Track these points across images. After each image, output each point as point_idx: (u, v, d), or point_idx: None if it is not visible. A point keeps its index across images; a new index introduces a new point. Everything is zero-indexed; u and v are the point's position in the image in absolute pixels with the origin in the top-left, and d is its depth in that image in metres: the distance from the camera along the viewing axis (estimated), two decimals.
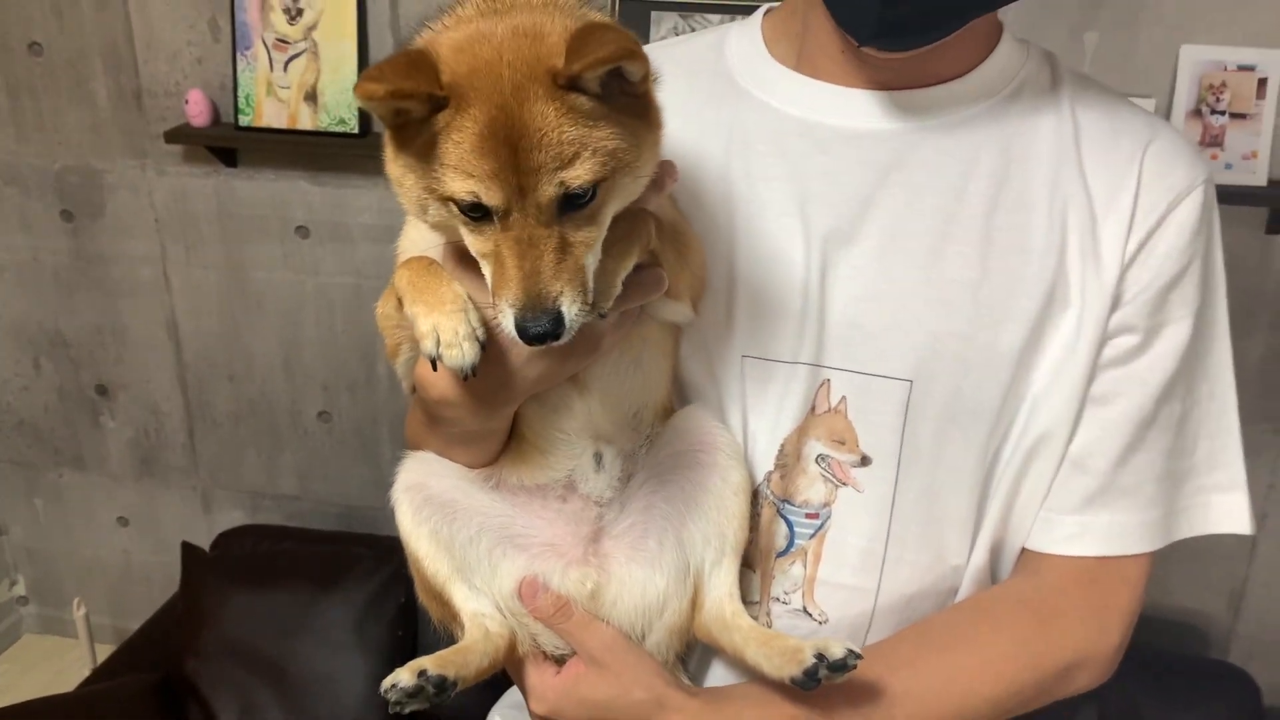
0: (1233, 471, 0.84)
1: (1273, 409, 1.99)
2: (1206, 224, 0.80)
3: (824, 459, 0.82)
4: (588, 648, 0.78)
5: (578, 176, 0.61)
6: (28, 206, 2.37)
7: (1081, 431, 0.80)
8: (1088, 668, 0.83)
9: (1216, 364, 0.83)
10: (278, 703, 2.03)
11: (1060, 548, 0.82)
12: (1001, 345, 0.78)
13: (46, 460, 2.63)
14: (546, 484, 0.80)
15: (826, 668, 0.72)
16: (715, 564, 0.80)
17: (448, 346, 0.64)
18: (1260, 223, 1.87)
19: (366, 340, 2.33)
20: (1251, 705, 1.94)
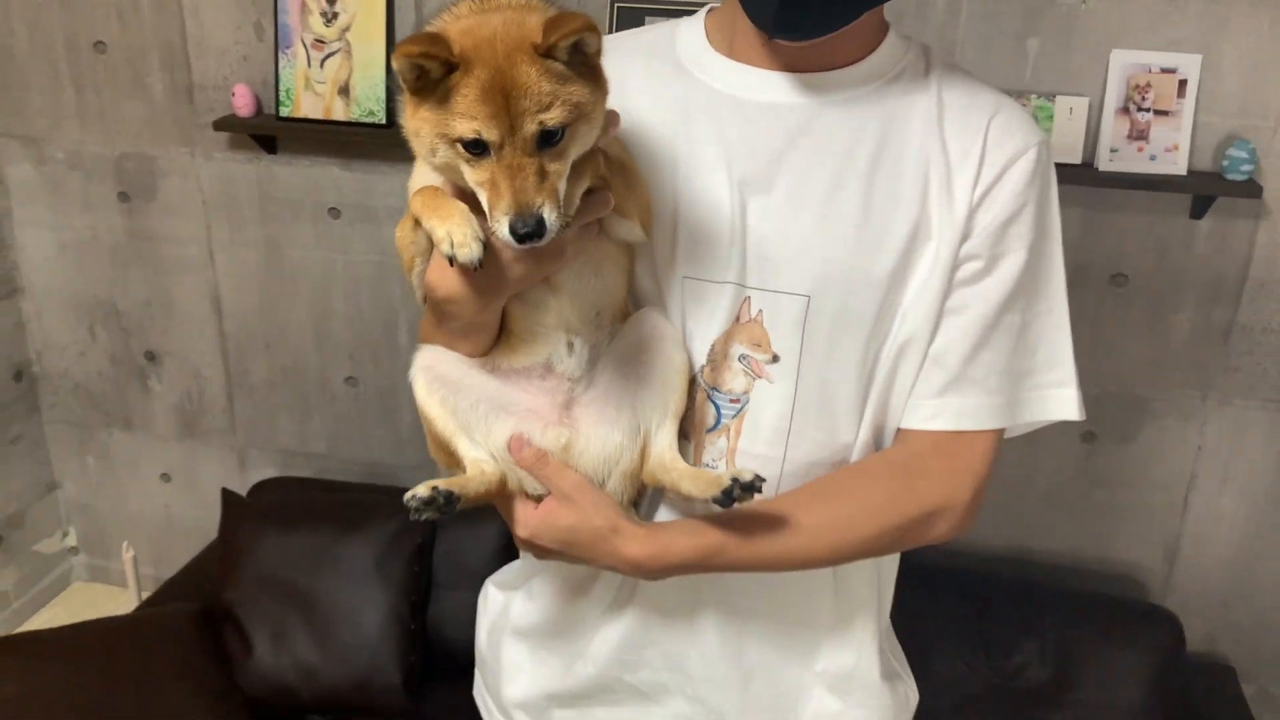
0: (1066, 371, 1.04)
1: (1200, 376, 2.20)
2: (1039, 178, 1.00)
3: (745, 358, 1.04)
4: (559, 487, 1.00)
5: (552, 118, 0.83)
6: (89, 189, 2.64)
7: (939, 336, 1.01)
8: (946, 517, 1.03)
9: (1053, 288, 1.03)
10: (306, 629, 2.26)
11: (922, 424, 1.03)
12: (877, 270, 0.99)
13: (98, 421, 2.89)
14: (530, 366, 1.02)
15: (740, 488, 0.93)
16: (659, 425, 1.02)
17: (459, 246, 0.86)
18: (1184, 209, 2.09)
19: (391, 312, 2.58)
20: (1175, 644, 2.15)
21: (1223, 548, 2.31)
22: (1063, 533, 2.37)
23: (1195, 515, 2.30)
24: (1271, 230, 2.07)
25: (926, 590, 2.20)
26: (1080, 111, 2.05)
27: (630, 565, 0.99)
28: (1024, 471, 2.33)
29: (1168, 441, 2.26)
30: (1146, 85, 2.01)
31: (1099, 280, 2.16)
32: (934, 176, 0.99)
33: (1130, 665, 2.11)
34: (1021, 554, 2.40)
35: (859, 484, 1.04)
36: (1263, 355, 2.16)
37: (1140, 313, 2.17)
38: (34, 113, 2.60)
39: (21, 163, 2.66)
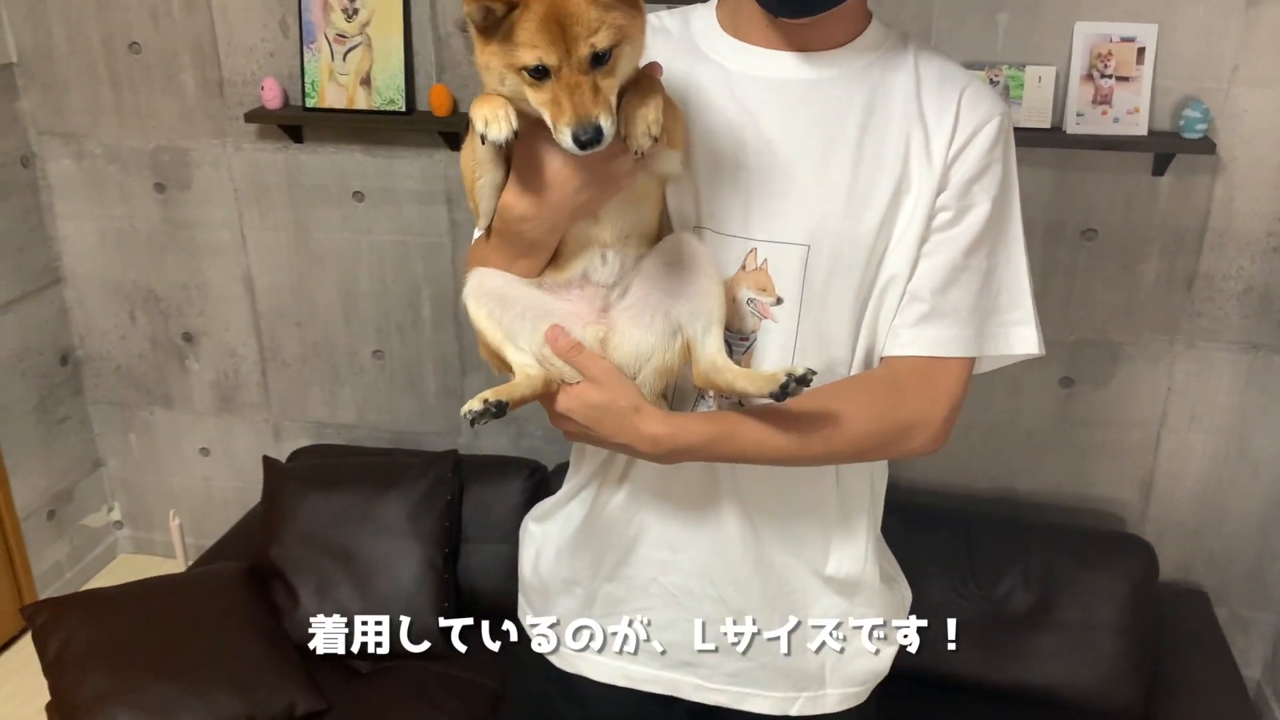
0: (1025, 312, 1.21)
1: (1167, 322, 2.37)
2: (1002, 143, 1.17)
3: (752, 301, 1.20)
4: (591, 372, 1.14)
5: (600, 40, 0.99)
6: (126, 181, 2.81)
7: (916, 275, 1.18)
8: (923, 431, 1.19)
9: (1012, 240, 1.20)
10: (347, 580, 2.45)
11: (902, 350, 1.19)
12: (866, 222, 1.16)
13: (140, 400, 3.07)
14: (570, 278, 1.17)
15: (794, 381, 1.08)
16: (705, 332, 1.16)
17: (490, 124, 1.01)
18: (1146, 167, 2.26)
19: (414, 288, 2.75)
20: (1149, 570, 2.32)
21: (1192, 481, 2.49)
22: (1044, 472, 2.55)
23: (1167, 451, 2.48)
24: (1227, 184, 2.25)
25: (920, 527, 2.38)
26: (1048, 80, 2.22)
27: (648, 440, 1.12)
28: (1007, 416, 2.51)
29: (1140, 384, 2.43)
30: (1108, 54, 2.18)
31: (1071, 236, 2.33)
32: (914, 140, 1.16)
33: (1108, 589, 2.29)
34: (1006, 493, 2.58)
35: (850, 392, 1.20)
36: (1224, 300, 2.34)
37: (1110, 265, 2.35)
38: (73, 111, 2.77)
39: (62, 159, 2.83)
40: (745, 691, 1.34)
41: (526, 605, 1.46)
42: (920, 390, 1.20)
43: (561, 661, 1.39)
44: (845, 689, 1.36)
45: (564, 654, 1.39)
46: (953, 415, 1.21)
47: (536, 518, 1.45)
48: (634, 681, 1.36)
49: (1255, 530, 2.51)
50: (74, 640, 2.24)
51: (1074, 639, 2.27)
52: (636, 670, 1.36)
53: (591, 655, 1.37)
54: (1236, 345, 2.37)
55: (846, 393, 1.19)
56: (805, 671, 1.33)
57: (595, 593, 1.35)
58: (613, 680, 1.36)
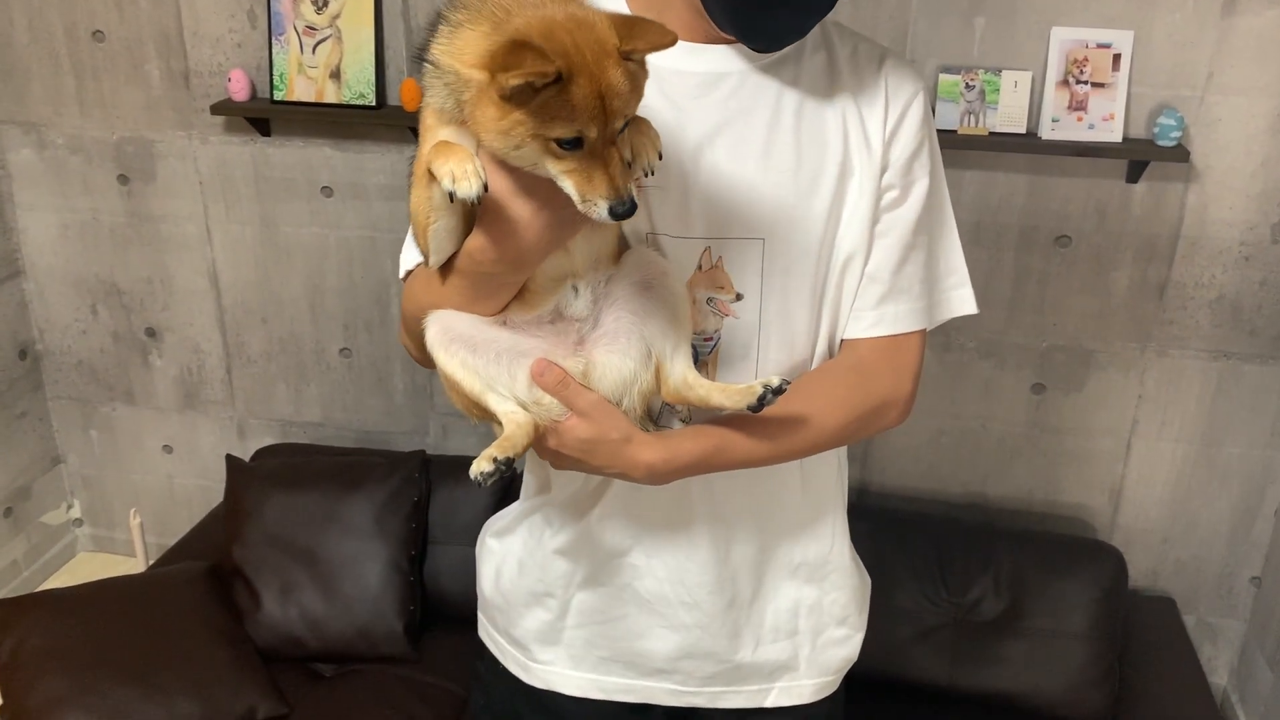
0: (961, 275, 1.25)
1: (1139, 330, 2.37)
2: (927, 116, 1.20)
3: (711, 300, 1.18)
4: (579, 407, 1.11)
5: (631, 109, 0.97)
6: (89, 172, 2.76)
7: (873, 257, 1.18)
8: (895, 407, 1.21)
9: (944, 208, 1.23)
10: (311, 582, 2.41)
11: (866, 332, 1.20)
12: (816, 207, 1.15)
13: (101, 396, 3.01)
14: (540, 314, 1.13)
15: (771, 393, 1.08)
16: (674, 350, 1.14)
17: (459, 180, 0.95)
18: (1120, 173, 2.26)
19: (382, 285, 2.71)
20: (1118, 578, 2.32)
21: (1162, 488, 2.50)
22: (1015, 478, 2.55)
23: (1137, 458, 2.48)
24: (1200, 193, 2.25)
25: (892, 533, 2.37)
26: (1024, 85, 2.21)
27: (644, 469, 1.11)
28: (979, 422, 2.51)
29: (1111, 391, 2.43)
30: (1084, 59, 2.18)
31: (1045, 242, 2.33)
32: (850, 122, 1.16)
33: (1077, 596, 2.29)
34: (977, 498, 2.58)
35: (823, 386, 1.20)
36: (1195, 309, 2.34)
37: (1083, 271, 2.35)
38: (35, 100, 2.71)
39: (23, 148, 2.77)
40: (721, 691, 1.34)
41: (489, 623, 1.43)
42: (886, 369, 1.22)
43: (531, 677, 1.36)
44: (820, 678, 1.36)
45: (533, 670, 1.36)
46: (916, 386, 1.24)
47: (495, 533, 1.42)
48: (608, 693, 1.34)
49: (1223, 538, 2.52)
50: (28, 642, 2.19)
51: (1043, 646, 2.27)
52: (610, 681, 1.34)
53: (563, 669, 1.35)
54: (1207, 354, 2.37)
55: (819, 387, 1.19)
56: (778, 663, 1.33)
57: (569, 603, 1.33)
58: (586, 693, 1.34)
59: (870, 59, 1.19)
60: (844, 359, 1.22)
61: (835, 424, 1.19)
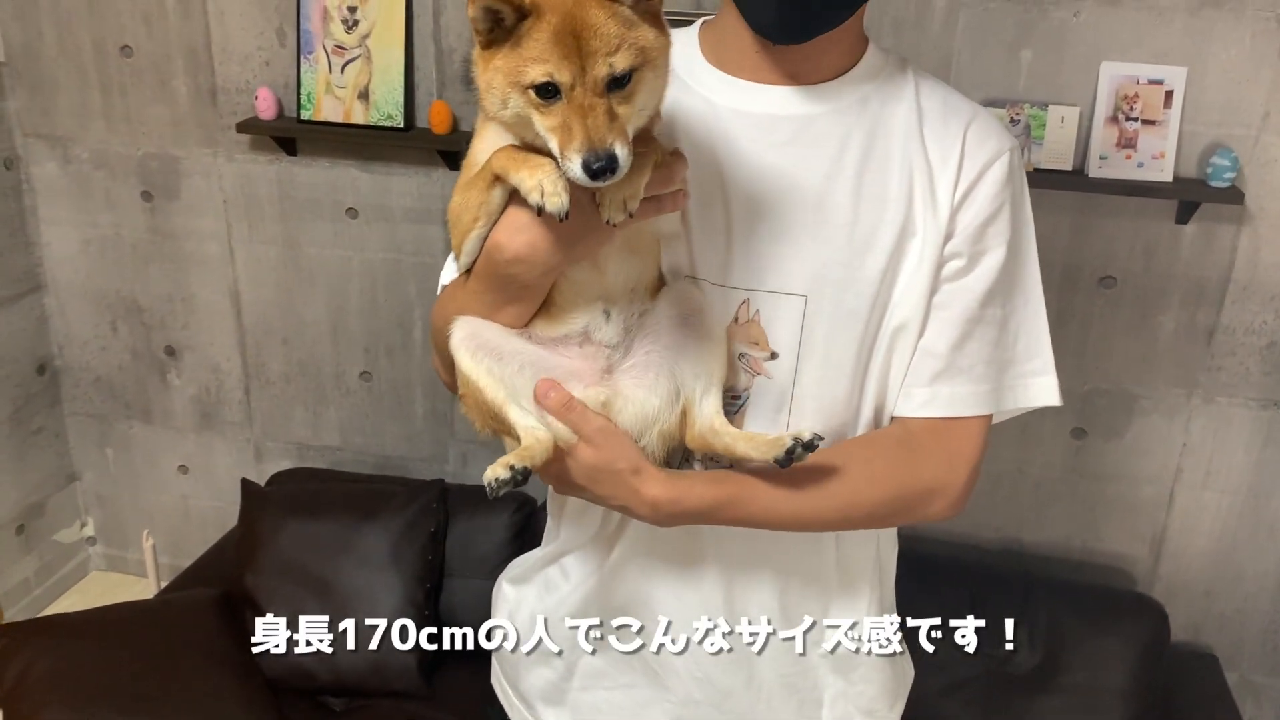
0: (1044, 360, 1.12)
1: (1185, 375, 2.29)
2: (1013, 180, 1.09)
3: (744, 356, 1.10)
4: (585, 432, 1.04)
5: (620, 61, 0.88)
6: (113, 188, 2.72)
7: (929, 330, 1.09)
8: (943, 496, 1.10)
9: (1028, 284, 1.11)
10: (324, 613, 2.34)
11: (916, 411, 1.10)
12: (869, 268, 1.07)
13: (118, 413, 2.97)
14: (569, 334, 1.07)
15: (801, 447, 1.00)
16: (705, 393, 1.07)
17: (550, 195, 0.90)
18: (1170, 214, 2.18)
19: (405, 310, 2.66)
20: (1159, 633, 2.24)
21: (1205, 540, 2.40)
22: (1053, 525, 2.46)
23: (1180, 509, 2.39)
24: (1253, 235, 2.17)
25: (922, 578, 2.27)
26: (1071, 120, 2.14)
27: (649, 505, 1.04)
28: (1016, 465, 2.43)
29: (1154, 437, 2.35)
30: (1135, 96, 2.10)
31: (1089, 282, 2.25)
32: (917, 179, 1.07)
33: (1117, 651, 2.20)
34: (1012, 544, 2.49)
35: (864, 455, 1.10)
36: (1244, 355, 2.25)
37: (1128, 314, 2.27)
38: (61, 114, 2.68)
39: (47, 162, 2.74)
40: None
41: (500, 671, 1.37)
42: (937, 452, 1.11)
43: None
44: None
45: None
46: (973, 478, 1.13)
47: (512, 579, 1.35)
48: None
49: (1269, 593, 2.42)
50: (34, 668, 2.13)
51: (1080, 702, 2.18)
52: None
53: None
54: (1256, 402, 2.28)
55: (859, 454, 1.11)
56: None
57: (575, 665, 1.26)
58: None
59: (956, 115, 1.09)
60: (893, 431, 1.13)
61: (871, 499, 1.09)
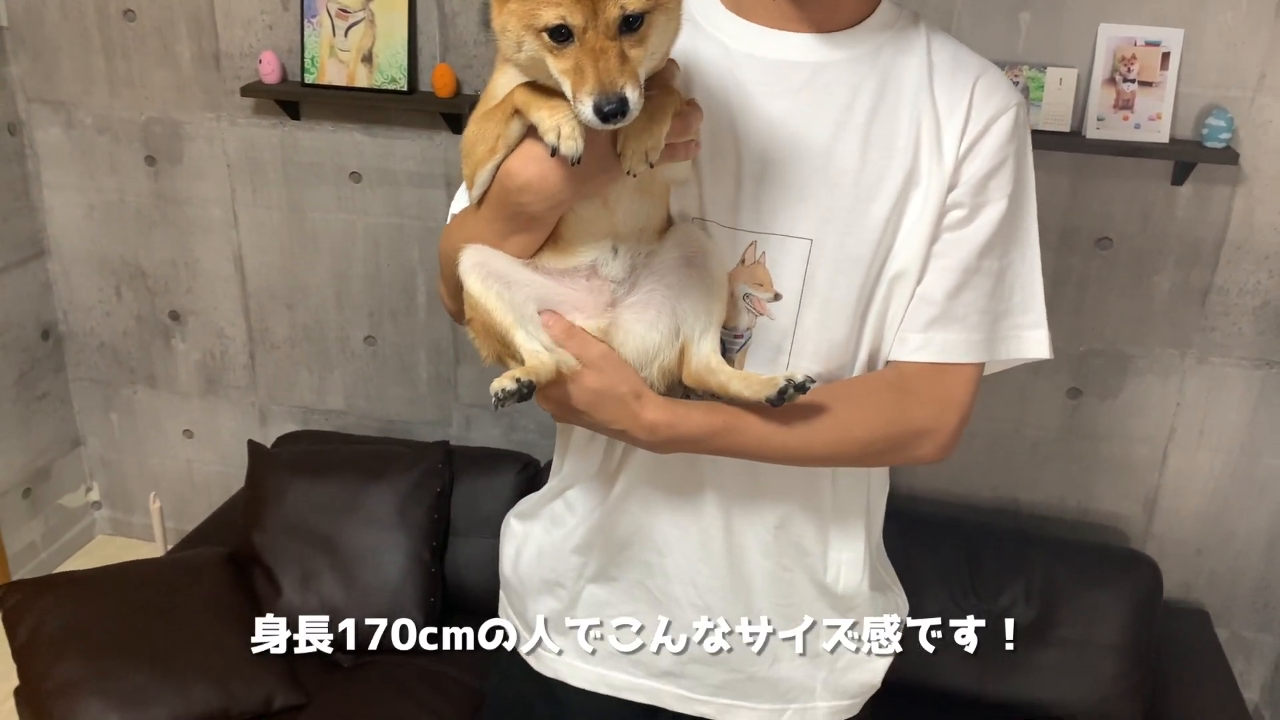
0: (1038, 314, 1.15)
1: (1179, 335, 2.32)
2: (1018, 136, 1.11)
3: (748, 297, 1.13)
4: (587, 357, 1.08)
5: (633, 2, 0.91)
6: (116, 153, 2.74)
7: (927, 277, 1.12)
8: (932, 439, 1.14)
9: (1026, 238, 1.14)
10: (331, 571, 2.38)
11: (910, 356, 1.13)
12: (874, 214, 1.09)
13: (123, 378, 2.99)
14: (575, 267, 1.10)
15: (794, 388, 1.03)
16: (703, 332, 1.11)
17: (566, 138, 0.93)
18: (1165, 175, 2.21)
19: (408, 273, 2.68)
20: (1153, 588, 2.27)
21: (1198, 499, 2.44)
22: (1048, 484, 2.50)
23: (1173, 468, 2.43)
24: (1247, 196, 2.19)
25: (920, 537, 2.32)
26: (1069, 82, 2.16)
27: (647, 428, 1.07)
28: (1012, 426, 2.46)
29: (1148, 397, 2.38)
30: (1132, 57, 2.13)
31: (1085, 243, 2.28)
32: (925, 129, 1.09)
33: (1111, 607, 2.24)
34: (1008, 504, 2.53)
35: (856, 394, 1.14)
36: (1238, 315, 2.29)
37: (1124, 275, 2.30)
38: (64, 79, 2.69)
39: (51, 127, 2.75)
40: (731, 703, 1.29)
41: (507, 604, 1.41)
42: (929, 396, 1.14)
43: (541, 665, 1.34)
44: (836, 701, 1.30)
45: (543, 657, 1.33)
46: (962, 423, 1.16)
47: (519, 514, 1.39)
48: (615, 689, 1.31)
49: (1260, 551, 2.46)
50: (46, 624, 2.16)
51: (1075, 656, 2.22)
52: (618, 678, 1.30)
53: (571, 660, 1.31)
54: (1249, 362, 2.32)
55: (852, 394, 1.14)
56: (793, 682, 1.28)
57: (579, 595, 1.30)
58: (593, 687, 1.31)
59: (965, 69, 1.11)
60: (885, 374, 1.16)
61: (860, 436, 1.12)
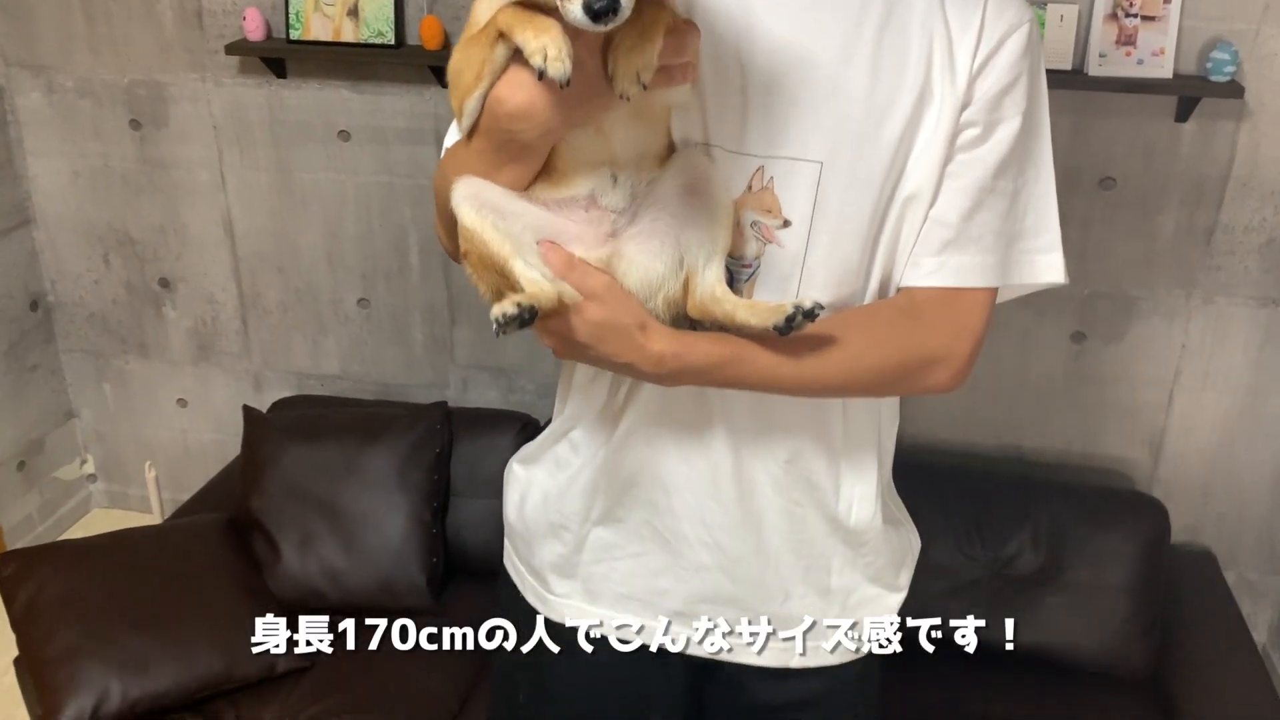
0: (1052, 237, 1.12)
1: (1184, 276, 2.30)
2: (1031, 52, 1.07)
3: (756, 224, 1.10)
4: (590, 288, 1.04)
5: None
6: (100, 117, 2.68)
7: (940, 199, 1.08)
8: (946, 366, 1.10)
9: (1040, 158, 1.11)
10: (331, 534, 2.35)
11: (923, 280, 1.10)
12: (885, 134, 1.06)
13: (114, 348, 2.95)
14: (573, 197, 1.06)
15: (802, 315, 1.00)
16: (707, 261, 1.07)
17: (553, 60, 0.89)
18: (1169, 112, 2.17)
19: (400, 233, 2.64)
20: (1160, 529, 2.26)
21: (1204, 441, 2.43)
22: (1053, 429, 2.48)
23: (1179, 411, 2.41)
24: (1253, 131, 2.16)
25: (925, 485, 2.26)
26: (1070, 18, 2.12)
27: (653, 359, 1.04)
28: (1016, 372, 2.44)
29: (1154, 340, 2.36)
30: None
31: (1089, 184, 2.25)
32: (937, 46, 1.06)
33: (1119, 549, 2.22)
34: (1012, 450, 2.51)
35: (867, 321, 1.11)
36: (1244, 254, 2.26)
37: (1128, 215, 2.27)
38: (44, 42, 2.63)
39: (31, 92, 2.70)
40: (742, 643, 1.27)
41: (512, 549, 1.39)
42: (943, 322, 1.11)
43: (547, 609, 1.32)
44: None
45: (550, 602, 1.31)
46: (976, 350, 1.12)
47: (522, 459, 1.37)
48: (624, 631, 1.28)
49: (1266, 493, 2.45)
50: (44, 592, 2.14)
51: (1084, 599, 2.20)
52: (626, 620, 1.28)
53: (579, 603, 1.29)
54: (1255, 300, 2.29)
55: (863, 321, 1.11)
56: (805, 620, 1.26)
57: (585, 538, 1.27)
58: (601, 630, 1.29)
59: None
60: (897, 301, 1.13)
61: (872, 364, 1.09)
